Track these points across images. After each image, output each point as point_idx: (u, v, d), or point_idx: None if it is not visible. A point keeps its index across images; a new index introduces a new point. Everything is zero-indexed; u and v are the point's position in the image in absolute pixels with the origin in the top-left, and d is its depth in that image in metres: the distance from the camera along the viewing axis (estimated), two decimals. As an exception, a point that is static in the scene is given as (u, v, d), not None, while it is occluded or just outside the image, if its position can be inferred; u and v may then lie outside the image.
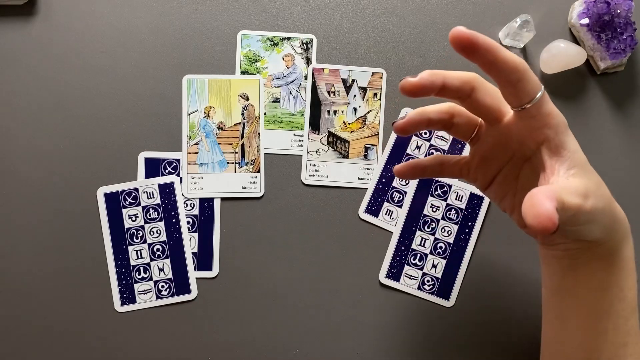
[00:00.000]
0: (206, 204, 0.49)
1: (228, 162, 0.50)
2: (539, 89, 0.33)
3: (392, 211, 0.50)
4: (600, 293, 0.36)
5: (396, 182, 0.50)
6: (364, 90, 0.51)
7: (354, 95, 0.51)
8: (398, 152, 0.50)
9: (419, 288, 0.49)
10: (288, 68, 0.51)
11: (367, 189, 0.50)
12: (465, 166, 0.41)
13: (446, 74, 0.36)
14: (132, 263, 0.49)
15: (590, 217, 0.32)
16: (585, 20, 0.49)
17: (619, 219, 0.36)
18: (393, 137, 0.51)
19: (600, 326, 0.37)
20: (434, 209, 0.50)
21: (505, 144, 0.38)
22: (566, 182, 0.32)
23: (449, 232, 0.50)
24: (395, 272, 0.49)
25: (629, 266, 0.37)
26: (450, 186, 0.50)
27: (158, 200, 0.49)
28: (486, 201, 0.50)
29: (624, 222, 0.37)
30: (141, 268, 0.49)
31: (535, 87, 0.32)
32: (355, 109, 0.51)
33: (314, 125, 0.51)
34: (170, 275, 0.49)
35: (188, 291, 0.49)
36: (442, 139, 0.51)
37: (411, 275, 0.49)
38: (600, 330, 0.37)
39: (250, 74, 0.51)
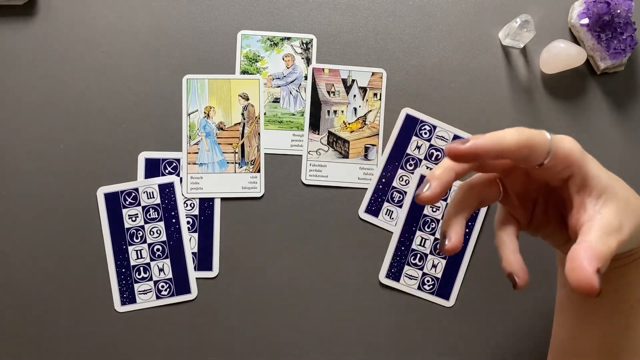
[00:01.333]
0: (206, 204, 0.49)
1: (228, 162, 0.50)
2: (547, 144, 0.31)
3: (392, 211, 0.50)
4: (626, 290, 0.36)
5: (396, 182, 0.50)
6: (364, 90, 0.51)
7: (354, 95, 0.51)
8: (398, 152, 0.50)
9: (419, 288, 0.49)
10: (288, 68, 0.51)
11: (367, 189, 0.50)
12: (514, 221, 0.37)
13: (454, 166, 0.34)
14: (132, 263, 0.49)
15: (629, 239, 0.32)
16: (585, 20, 0.49)
17: None
18: (393, 137, 0.51)
19: (624, 323, 0.36)
20: (434, 209, 0.50)
21: (528, 186, 0.36)
22: (599, 224, 0.31)
23: (449, 232, 0.50)
24: (395, 272, 0.49)
25: None
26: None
27: (158, 200, 0.49)
28: (486, 201, 0.50)
29: None
30: (141, 268, 0.49)
31: (544, 146, 0.31)
32: (355, 109, 0.51)
33: (314, 125, 0.51)
34: (170, 275, 0.49)
35: (188, 291, 0.49)
36: (442, 139, 0.51)
37: (411, 275, 0.49)
38: (623, 327, 0.36)
39: (250, 74, 0.51)
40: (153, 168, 0.49)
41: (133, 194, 0.49)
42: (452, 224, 0.34)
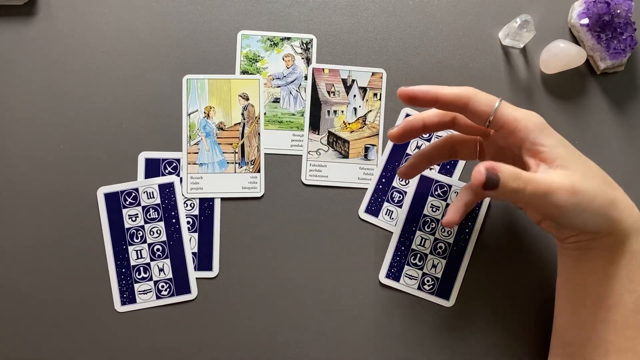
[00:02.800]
0: (206, 204, 0.49)
1: (228, 162, 0.50)
2: (492, 104, 0.36)
3: (392, 211, 0.50)
4: (608, 284, 0.37)
5: (396, 182, 0.50)
6: (364, 90, 0.51)
7: (354, 95, 0.51)
8: (398, 152, 0.50)
9: (419, 288, 0.49)
10: (288, 68, 0.51)
11: (367, 189, 0.50)
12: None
13: (422, 115, 0.41)
14: (132, 263, 0.49)
15: (576, 206, 0.34)
16: (585, 20, 0.49)
17: (618, 207, 0.36)
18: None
19: (609, 317, 0.37)
20: (434, 209, 0.50)
21: (502, 153, 0.41)
22: (544, 172, 0.35)
23: (449, 232, 0.50)
24: (395, 272, 0.49)
25: (638, 259, 0.37)
26: (450, 186, 0.50)
27: (158, 200, 0.49)
28: (486, 201, 0.50)
29: (628, 212, 0.37)
30: (141, 268, 0.49)
31: (489, 104, 0.36)
32: (355, 109, 0.51)
33: (314, 125, 0.51)
34: (170, 275, 0.49)
35: (188, 291, 0.49)
36: (442, 139, 0.51)
37: (411, 275, 0.49)
38: (609, 322, 0.37)
39: (250, 74, 0.51)
40: (153, 168, 0.49)
41: (133, 194, 0.49)
42: (418, 153, 0.44)
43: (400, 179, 0.48)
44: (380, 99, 0.51)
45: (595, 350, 0.38)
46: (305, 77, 0.51)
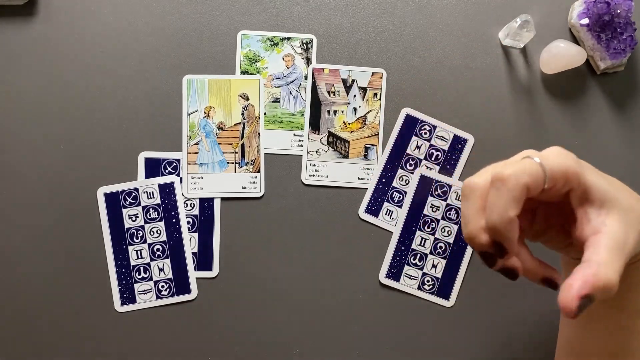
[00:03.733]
0: (206, 204, 0.49)
1: (228, 162, 0.50)
2: (541, 173, 0.30)
3: (392, 211, 0.50)
4: (635, 292, 0.36)
5: (396, 182, 0.50)
6: (364, 90, 0.51)
7: (354, 95, 0.51)
8: (398, 152, 0.50)
9: (419, 288, 0.49)
10: (288, 68, 0.51)
11: (367, 189, 0.50)
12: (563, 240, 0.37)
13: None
14: (132, 263, 0.49)
15: (635, 248, 0.32)
16: (585, 20, 0.49)
17: None
18: (393, 137, 0.51)
19: (631, 325, 0.36)
20: (434, 209, 0.50)
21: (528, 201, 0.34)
22: (606, 241, 0.30)
23: (449, 232, 0.50)
24: (395, 272, 0.49)
25: None
26: (450, 186, 0.50)
27: (158, 200, 0.49)
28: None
29: None
30: (141, 268, 0.49)
31: (540, 177, 0.30)
32: (355, 109, 0.51)
33: (314, 125, 0.51)
34: (170, 275, 0.49)
35: (188, 291, 0.49)
36: (442, 139, 0.51)
37: (411, 275, 0.49)
38: (630, 329, 0.36)
39: (250, 74, 0.51)
40: (153, 168, 0.49)
41: (133, 194, 0.49)
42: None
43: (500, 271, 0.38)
44: (380, 99, 0.51)
45: (613, 359, 0.37)
46: (305, 77, 0.51)
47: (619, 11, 0.48)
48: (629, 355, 0.36)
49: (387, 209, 0.50)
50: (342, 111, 0.51)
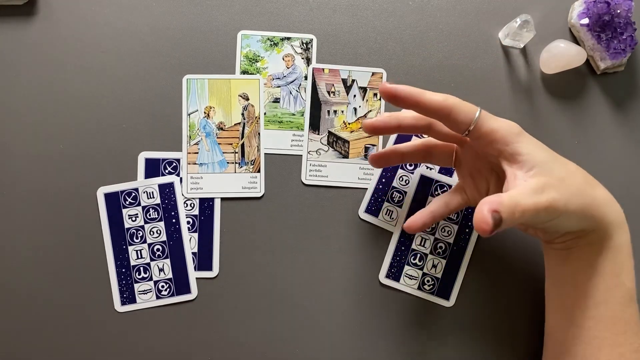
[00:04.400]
0: (206, 204, 0.49)
1: (228, 162, 0.50)
2: (472, 114, 0.36)
3: (392, 211, 0.50)
4: (596, 280, 0.38)
5: (396, 182, 0.50)
6: (364, 90, 0.51)
7: (354, 95, 0.51)
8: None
9: (419, 288, 0.49)
10: (288, 68, 0.51)
11: (367, 189, 0.50)
12: (462, 193, 0.44)
13: (400, 115, 0.42)
14: (132, 263, 0.49)
15: (554, 210, 0.34)
16: (585, 20, 0.49)
17: (599, 204, 0.37)
18: (393, 137, 0.51)
19: (598, 313, 0.37)
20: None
21: (479, 160, 0.42)
22: (522, 184, 0.35)
23: (449, 232, 0.50)
24: (395, 272, 0.49)
25: (623, 253, 0.38)
26: (450, 186, 0.50)
27: (158, 200, 0.49)
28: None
29: (610, 208, 0.38)
30: (141, 268, 0.49)
31: (469, 115, 0.36)
32: (355, 109, 0.51)
33: (314, 125, 0.51)
34: (170, 275, 0.49)
35: (188, 291, 0.49)
36: (442, 139, 0.51)
37: (411, 275, 0.49)
38: (599, 318, 0.37)
39: (250, 74, 0.51)
40: (153, 168, 0.49)
41: (133, 194, 0.49)
42: (388, 149, 0.45)
43: (371, 164, 0.47)
44: (380, 99, 0.51)
45: (588, 347, 0.38)
46: (305, 77, 0.51)
47: (619, 11, 0.48)
48: (602, 343, 0.38)
49: (387, 209, 0.50)
50: (342, 111, 0.51)
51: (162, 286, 0.49)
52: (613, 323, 0.37)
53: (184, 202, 0.49)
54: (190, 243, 0.49)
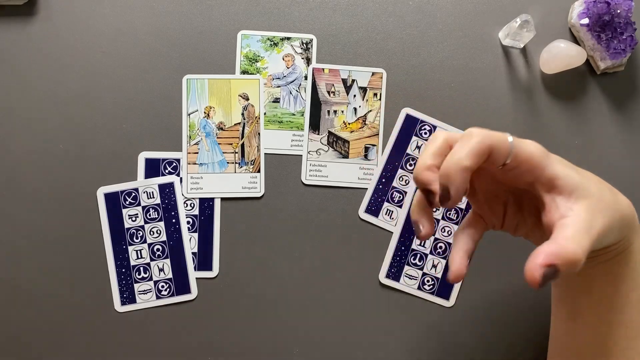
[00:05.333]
0: (206, 204, 0.49)
1: (228, 162, 0.50)
2: (508, 147, 0.32)
3: (392, 211, 0.50)
4: (616, 286, 0.37)
5: (396, 182, 0.50)
6: (364, 90, 0.51)
7: (354, 95, 0.51)
8: (398, 152, 0.50)
9: (419, 288, 0.49)
10: (288, 68, 0.51)
11: (367, 189, 0.50)
12: (481, 221, 0.39)
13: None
14: (132, 263, 0.49)
15: (605, 236, 0.33)
16: (585, 20, 0.49)
17: (626, 214, 0.35)
18: (393, 137, 0.51)
19: (614, 319, 0.37)
20: (434, 209, 0.50)
21: (494, 185, 0.38)
22: (573, 222, 0.31)
23: (449, 232, 0.50)
24: (395, 272, 0.49)
25: (639, 257, 0.37)
26: (450, 186, 0.50)
27: (158, 200, 0.49)
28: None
29: (630, 213, 0.36)
30: (141, 268, 0.49)
31: (505, 147, 0.32)
32: (355, 109, 0.51)
33: (314, 125, 0.51)
34: (170, 275, 0.49)
35: (188, 291, 0.49)
36: (442, 139, 0.51)
37: (411, 275, 0.49)
38: (614, 323, 0.37)
39: (250, 74, 0.51)
40: (153, 168, 0.49)
41: (133, 194, 0.49)
42: (422, 213, 0.37)
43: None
44: (380, 99, 0.51)
45: (598, 352, 0.37)
46: (305, 77, 0.51)
47: (619, 11, 0.48)
48: (613, 351, 0.37)
49: (387, 209, 0.50)
50: (342, 111, 0.51)
51: (162, 286, 0.49)
52: (627, 328, 0.37)
53: (184, 202, 0.49)
54: (190, 243, 0.49)
